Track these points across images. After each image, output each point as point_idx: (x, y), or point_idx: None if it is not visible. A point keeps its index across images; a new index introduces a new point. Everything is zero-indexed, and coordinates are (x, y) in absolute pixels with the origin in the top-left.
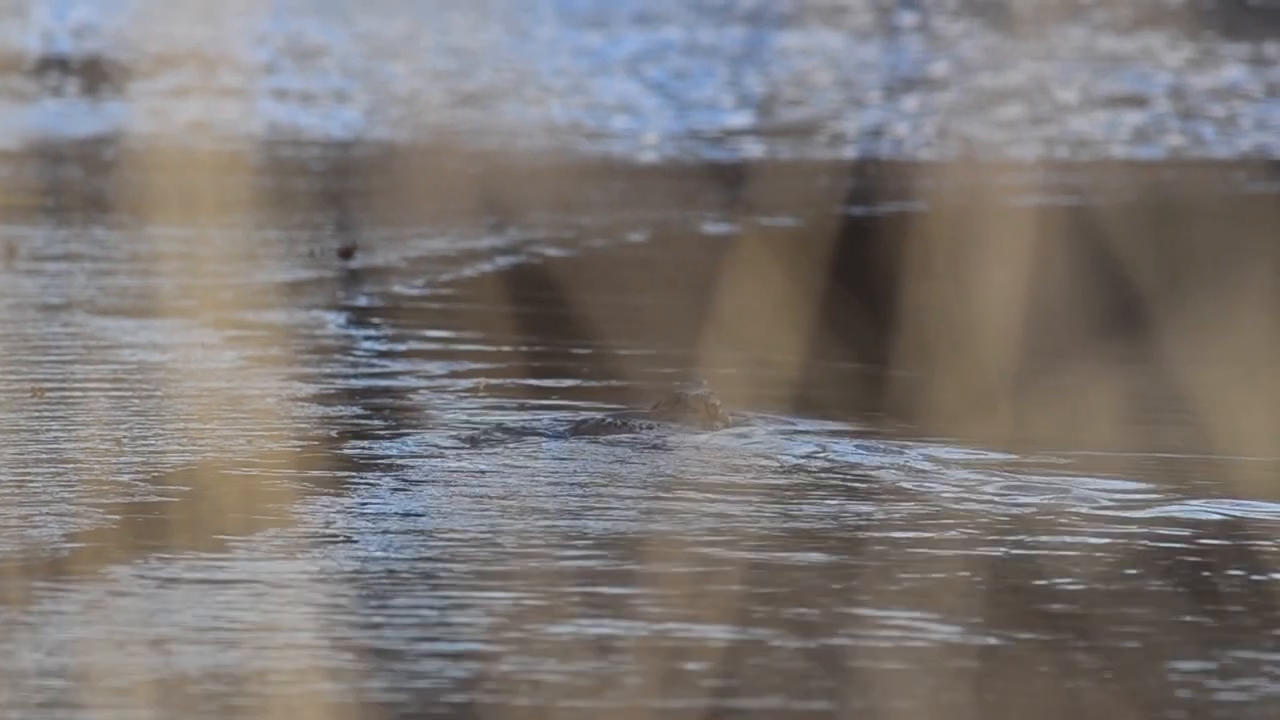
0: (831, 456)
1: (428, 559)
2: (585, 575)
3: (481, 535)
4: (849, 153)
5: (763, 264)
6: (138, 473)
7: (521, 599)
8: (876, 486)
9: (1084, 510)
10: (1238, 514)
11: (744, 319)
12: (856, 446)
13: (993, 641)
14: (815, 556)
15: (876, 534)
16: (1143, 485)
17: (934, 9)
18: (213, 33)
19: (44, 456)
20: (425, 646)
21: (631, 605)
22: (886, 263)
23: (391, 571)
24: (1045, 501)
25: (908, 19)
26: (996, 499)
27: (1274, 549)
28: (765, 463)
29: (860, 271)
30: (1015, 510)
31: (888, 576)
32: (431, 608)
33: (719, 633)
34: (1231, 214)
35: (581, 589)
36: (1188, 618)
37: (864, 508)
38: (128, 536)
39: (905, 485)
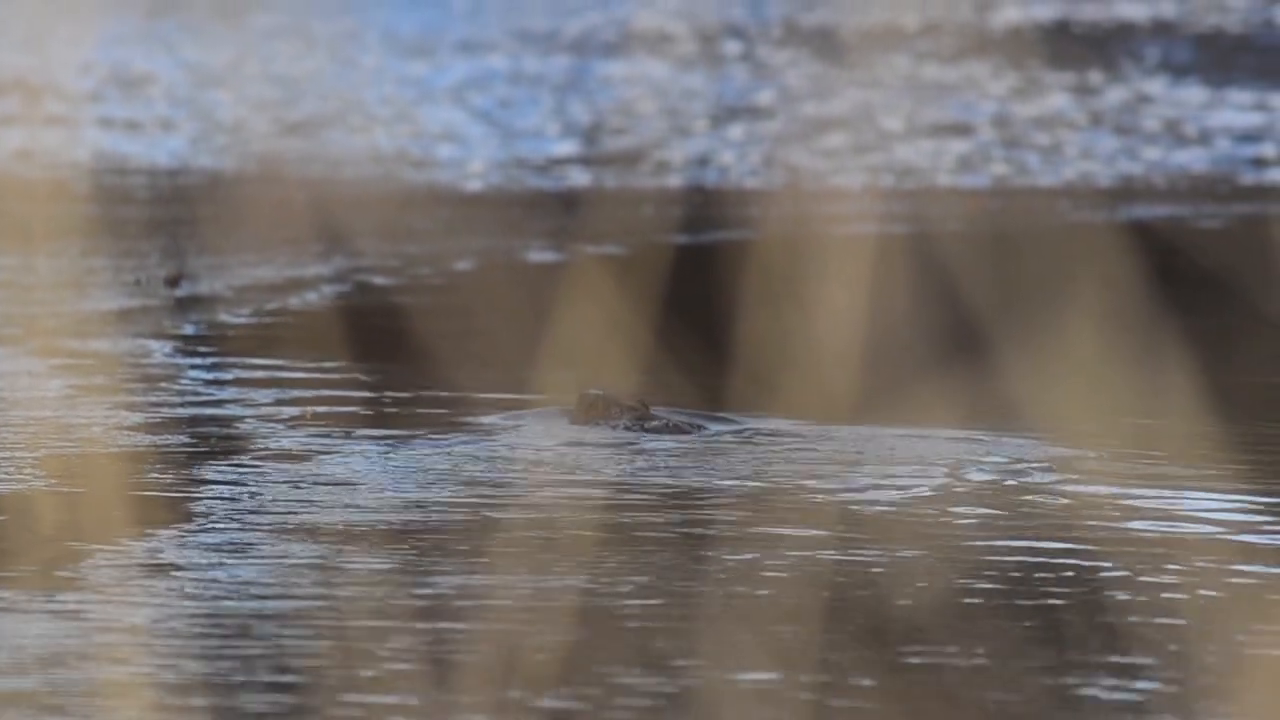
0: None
1: (257, 587)
2: (424, 610)
3: (313, 563)
4: (674, 181)
5: (589, 291)
6: None
7: (354, 630)
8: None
9: (916, 523)
10: (1071, 523)
11: (572, 345)
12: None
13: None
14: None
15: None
16: (978, 499)
17: (759, 38)
18: (37, 61)
19: None
20: (255, 676)
21: (474, 636)
22: (713, 290)
23: (221, 600)
24: (884, 514)
25: (732, 48)
26: (836, 517)
27: (1109, 566)
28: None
29: (687, 298)
30: (851, 530)
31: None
32: (261, 637)
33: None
34: (1056, 242)
35: (421, 622)
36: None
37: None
38: None
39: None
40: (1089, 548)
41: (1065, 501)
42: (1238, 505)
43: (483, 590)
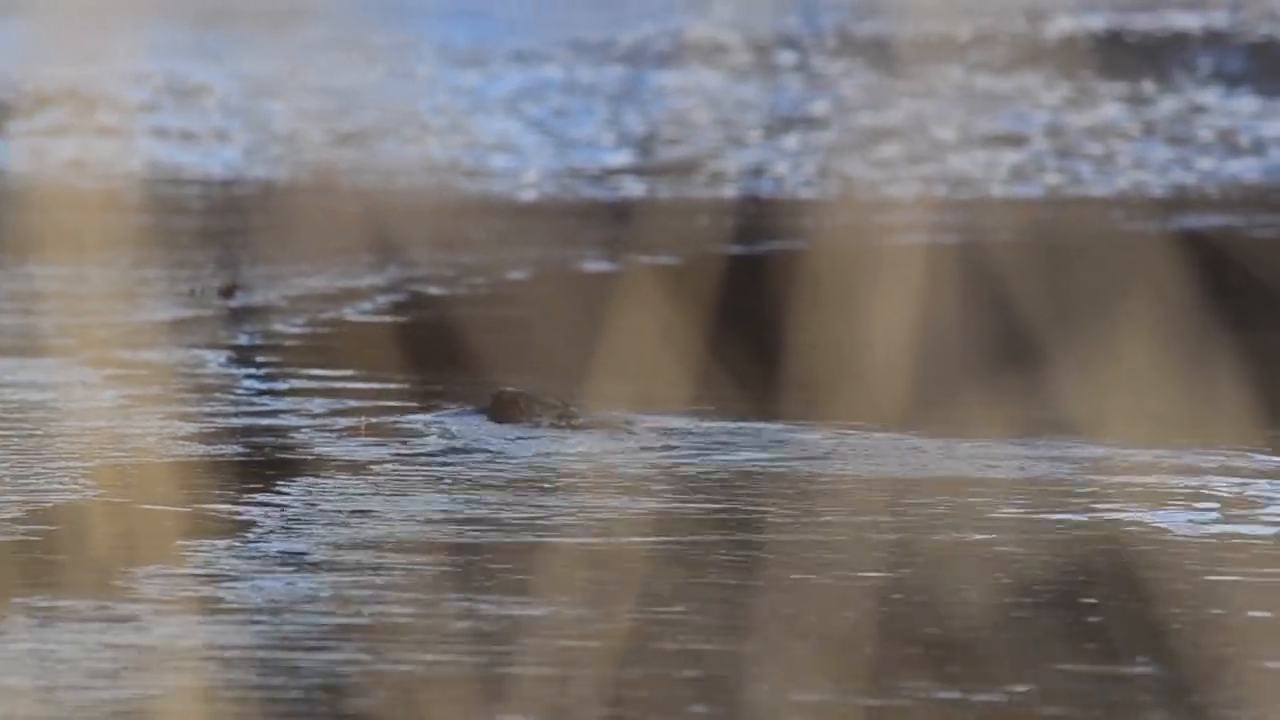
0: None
1: (310, 597)
2: (472, 615)
3: (366, 573)
4: (729, 191)
5: (644, 302)
6: (18, 511)
7: (407, 645)
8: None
9: (970, 535)
10: (1125, 536)
11: (626, 355)
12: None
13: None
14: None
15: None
16: (1030, 507)
17: (813, 48)
18: (91, 72)
19: None
20: (306, 685)
21: (515, 636)
22: (767, 300)
23: (274, 609)
24: (934, 527)
25: (787, 58)
26: (882, 525)
27: (1156, 579)
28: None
29: (741, 309)
30: (902, 535)
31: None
32: (315, 646)
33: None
34: (1109, 251)
35: (469, 625)
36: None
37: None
38: (9, 575)
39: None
40: None
41: None
42: None
43: (537, 608)
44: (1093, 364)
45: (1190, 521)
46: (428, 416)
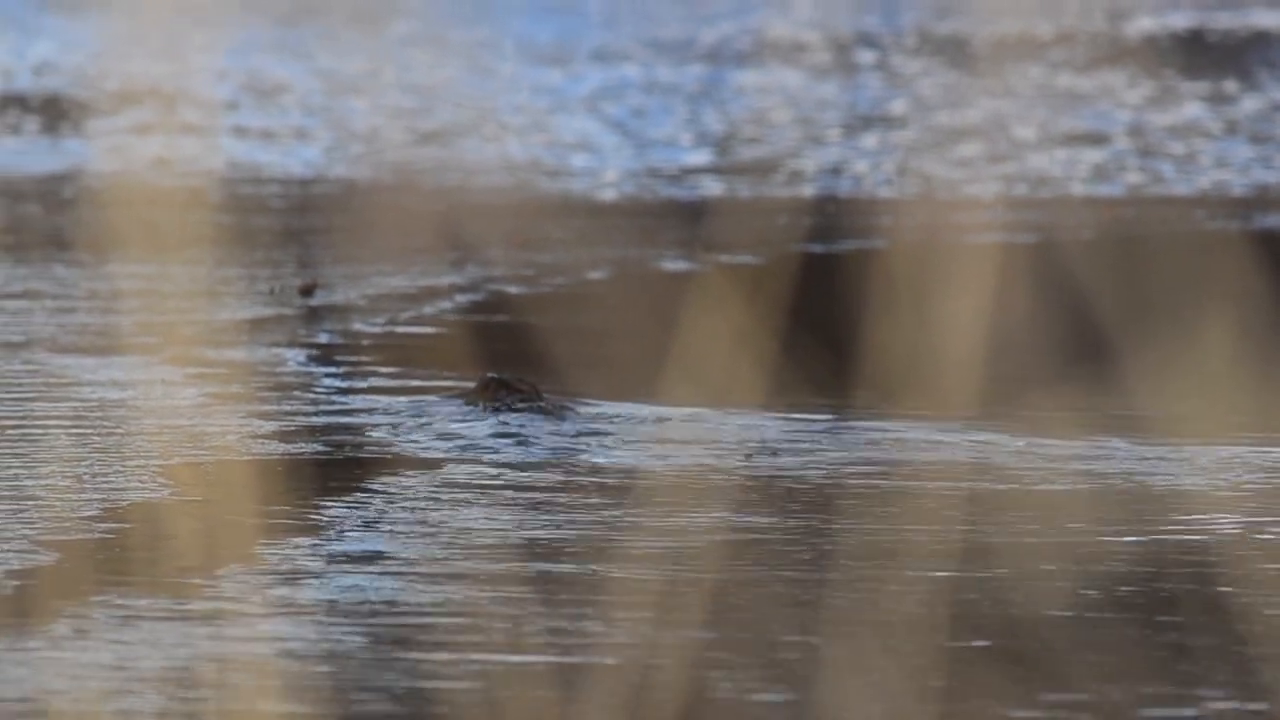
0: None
1: (391, 598)
2: (556, 608)
3: (447, 572)
4: (808, 190)
5: (722, 301)
6: (98, 510)
7: (484, 638)
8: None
9: (1042, 541)
10: (1197, 541)
11: (704, 354)
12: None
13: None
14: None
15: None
16: (1104, 516)
17: (892, 47)
18: (173, 70)
19: (4, 493)
20: (387, 684)
21: (597, 633)
22: (846, 300)
23: (354, 609)
24: (1006, 537)
25: (866, 57)
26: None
27: (1238, 590)
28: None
29: (820, 308)
30: (979, 540)
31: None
32: (395, 645)
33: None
34: (1191, 251)
35: (551, 621)
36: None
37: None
38: (89, 573)
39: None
40: None
41: None
42: None
43: (611, 608)
44: (1173, 363)
45: (1267, 526)
46: (406, 401)
